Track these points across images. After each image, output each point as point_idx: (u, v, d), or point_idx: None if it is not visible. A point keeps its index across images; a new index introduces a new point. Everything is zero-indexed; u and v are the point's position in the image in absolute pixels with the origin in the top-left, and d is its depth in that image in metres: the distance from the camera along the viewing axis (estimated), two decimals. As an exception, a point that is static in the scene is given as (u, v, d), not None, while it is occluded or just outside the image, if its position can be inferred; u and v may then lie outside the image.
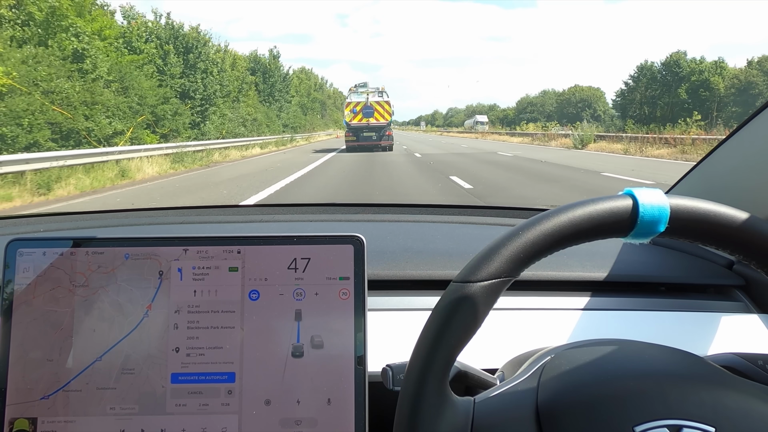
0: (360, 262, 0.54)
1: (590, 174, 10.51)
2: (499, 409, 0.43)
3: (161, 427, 0.52)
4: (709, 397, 0.40)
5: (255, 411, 0.53)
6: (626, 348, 0.48)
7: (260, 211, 1.29)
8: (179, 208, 1.29)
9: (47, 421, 0.51)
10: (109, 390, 0.52)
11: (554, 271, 0.77)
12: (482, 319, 0.40)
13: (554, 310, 0.73)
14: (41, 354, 0.52)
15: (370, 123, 19.98)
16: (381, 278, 0.75)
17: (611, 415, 0.40)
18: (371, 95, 20.54)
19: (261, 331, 0.54)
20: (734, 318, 0.72)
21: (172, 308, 0.53)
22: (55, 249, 0.54)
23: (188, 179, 10.69)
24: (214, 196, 7.91)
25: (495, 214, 1.21)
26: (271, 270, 0.54)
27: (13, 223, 1.18)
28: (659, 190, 0.41)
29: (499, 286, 0.40)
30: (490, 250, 0.41)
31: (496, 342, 0.66)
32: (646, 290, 0.79)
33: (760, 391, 0.42)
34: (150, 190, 8.95)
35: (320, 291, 0.54)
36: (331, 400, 0.53)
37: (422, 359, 0.40)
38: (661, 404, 0.40)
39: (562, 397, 0.42)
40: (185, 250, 0.54)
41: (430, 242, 0.94)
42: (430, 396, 0.40)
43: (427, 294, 0.74)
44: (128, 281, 0.54)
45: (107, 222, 1.13)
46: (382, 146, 19.77)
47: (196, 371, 0.53)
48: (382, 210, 1.28)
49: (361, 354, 0.53)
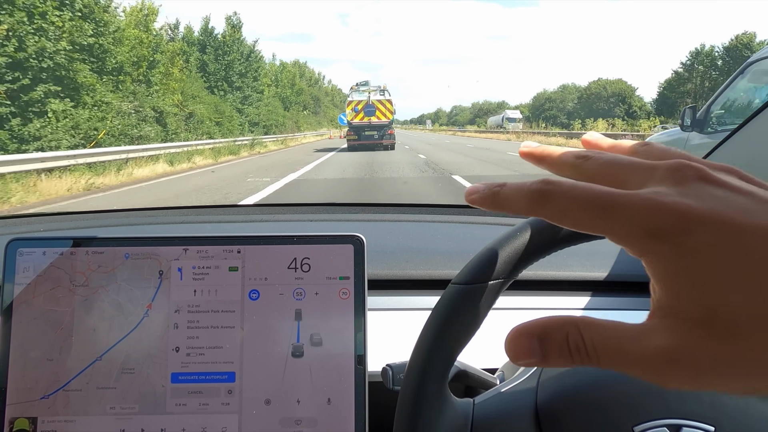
0: (360, 262, 0.54)
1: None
2: (499, 410, 0.43)
3: (161, 427, 0.52)
4: (709, 397, 0.40)
5: (255, 410, 0.53)
6: None
7: (260, 210, 1.30)
8: (179, 207, 1.29)
9: (47, 421, 0.51)
10: (109, 389, 0.52)
11: (554, 271, 0.77)
12: (482, 320, 0.40)
13: (554, 310, 0.73)
14: (41, 354, 0.52)
15: (371, 122, 19.93)
16: (381, 278, 0.75)
17: (611, 415, 0.40)
18: (373, 94, 20.48)
19: (261, 331, 0.54)
20: None
21: (172, 308, 0.53)
22: (55, 249, 0.54)
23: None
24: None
25: (495, 214, 1.21)
26: (271, 270, 0.54)
27: (13, 222, 1.18)
28: None
29: (498, 287, 0.40)
30: (489, 250, 0.41)
31: (496, 342, 0.66)
32: (646, 290, 0.79)
33: None
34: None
35: (320, 291, 0.54)
36: (331, 400, 0.53)
37: (422, 359, 0.40)
38: (660, 404, 0.40)
39: (561, 398, 0.42)
40: (185, 250, 0.54)
41: (430, 242, 0.94)
42: (430, 396, 0.40)
43: (427, 294, 0.74)
44: (128, 281, 0.54)
45: (107, 222, 1.13)
46: (383, 145, 19.70)
47: (196, 371, 0.53)
48: (382, 210, 1.28)
49: (361, 354, 0.53)
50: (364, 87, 20.99)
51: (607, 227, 0.23)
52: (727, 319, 0.19)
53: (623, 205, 0.22)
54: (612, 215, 0.22)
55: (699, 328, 0.20)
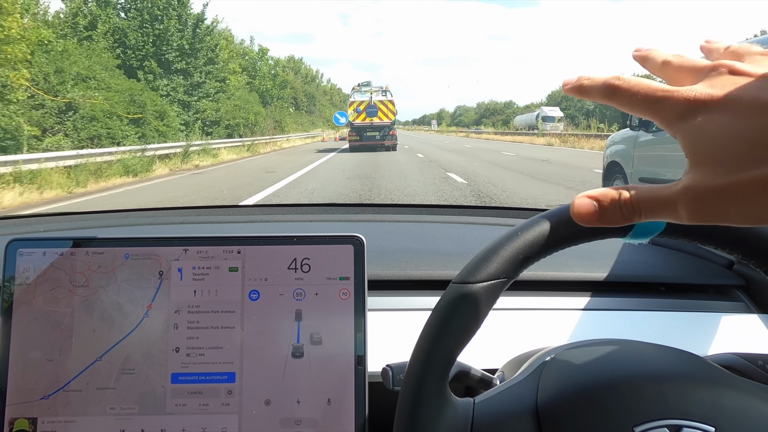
0: (360, 262, 0.54)
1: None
2: (499, 410, 0.43)
3: (161, 427, 0.52)
4: (709, 397, 0.40)
5: (255, 411, 0.53)
6: (626, 348, 0.48)
7: (260, 211, 1.30)
8: (179, 208, 1.29)
9: (47, 421, 0.51)
10: (109, 390, 0.52)
11: (554, 271, 0.77)
12: (482, 320, 0.40)
13: (554, 310, 0.73)
14: (41, 354, 0.52)
15: (373, 122, 19.88)
16: (381, 278, 0.75)
17: (611, 415, 0.40)
18: (375, 94, 20.41)
19: (261, 331, 0.54)
20: (734, 318, 0.72)
21: (172, 308, 0.53)
22: (55, 249, 0.54)
23: None
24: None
25: (495, 214, 1.21)
26: (271, 270, 0.54)
27: (13, 223, 1.18)
28: None
29: (498, 287, 0.40)
30: (489, 250, 0.41)
31: (496, 342, 0.66)
32: (646, 290, 0.79)
33: (760, 391, 0.42)
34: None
35: (320, 291, 0.54)
36: (331, 400, 0.53)
37: (422, 359, 0.40)
38: (660, 404, 0.40)
39: (561, 398, 0.42)
40: (185, 250, 0.54)
41: (430, 242, 0.94)
42: (430, 396, 0.40)
43: (427, 294, 0.74)
44: (128, 281, 0.54)
45: (107, 222, 1.13)
46: (385, 146, 19.65)
47: (196, 371, 0.53)
48: (382, 210, 1.28)
49: (361, 354, 0.53)
50: (366, 87, 20.90)
51: (653, 114, 0.31)
52: (728, 162, 0.27)
53: (665, 99, 0.30)
54: (658, 106, 0.30)
55: (708, 170, 0.28)
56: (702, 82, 0.30)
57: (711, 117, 0.28)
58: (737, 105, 0.28)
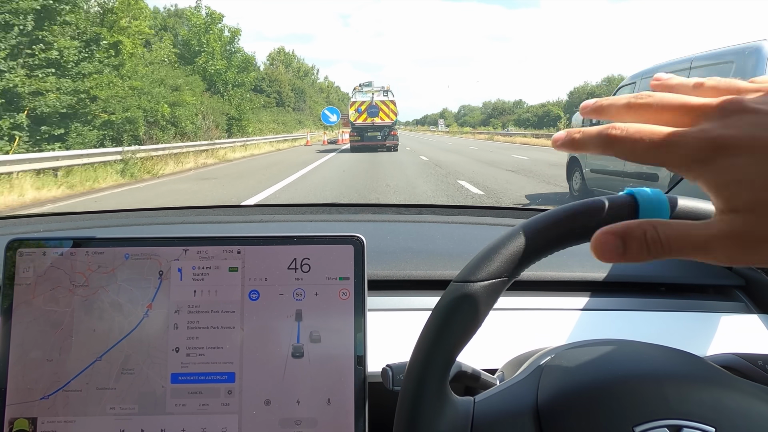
0: (360, 262, 0.54)
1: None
2: (499, 409, 0.43)
3: (161, 427, 0.52)
4: (709, 397, 0.40)
5: (255, 411, 0.53)
6: (626, 348, 0.48)
7: (260, 211, 1.29)
8: (179, 208, 1.29)
9: (47, 421, 0.51)
10: (109, 390, 0.52)
11: (554, 271, 0.77)
12: (482, 319, 0.40)
13: (554, 310, 0.73)
14: (41, 354, 0.52)
15: (375, 122, 19.81)
16: (381, 278, 0.75)
17: (611, 415, 0.40)
18: (376, 94, 20.33)
19: (261, 332, 0.54)
20: (734, 318, 0.72)
21: (172, 308, 0.53)
22: (55, 249, 0.54)
23: None
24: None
25: (495, 214, 1.21)
26: (271, 270, 0.54)
27: (13, 223, 1.18)
28: (659, 190, 0.41)
29: (499, 286, 0.40)
30: (490, 250, 0.41)
31: (496, 342, 0.66)
32: (646, 290, 0.79)
33: (760, 391, 0.42)
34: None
35: (320, 291, 0.54)
36: (331, 400, 0.53)
37: (422, 359, 0.40)
38: (660, 404, 0.40)
39: (562, 397, 0.42)
40: (185, 250, 0.54)
41: (430, 242, 0.94)
42: (429, 396, 0.40)
43: (427, 294, 0.74)
44: (128, 281, 0.54)
45: (107, 222, 1.13)
46: (387, 146, 19.60)
47: (196, 371, 0.53)
48: (382, 210, 1.28)
49: (361, 354, 0.53)
50: (367, 87, 20.81)
51: (664, 160, 0.29)
52: (762, 206, 0.26)
53: (676, 144, 0.28)
54: (668, 151, 0.28)
55: (752, 217, 0.26)
56: (712, 122, 0.28)
57: (738, 159, 0.27)
58: (765, 145, 0.26)
